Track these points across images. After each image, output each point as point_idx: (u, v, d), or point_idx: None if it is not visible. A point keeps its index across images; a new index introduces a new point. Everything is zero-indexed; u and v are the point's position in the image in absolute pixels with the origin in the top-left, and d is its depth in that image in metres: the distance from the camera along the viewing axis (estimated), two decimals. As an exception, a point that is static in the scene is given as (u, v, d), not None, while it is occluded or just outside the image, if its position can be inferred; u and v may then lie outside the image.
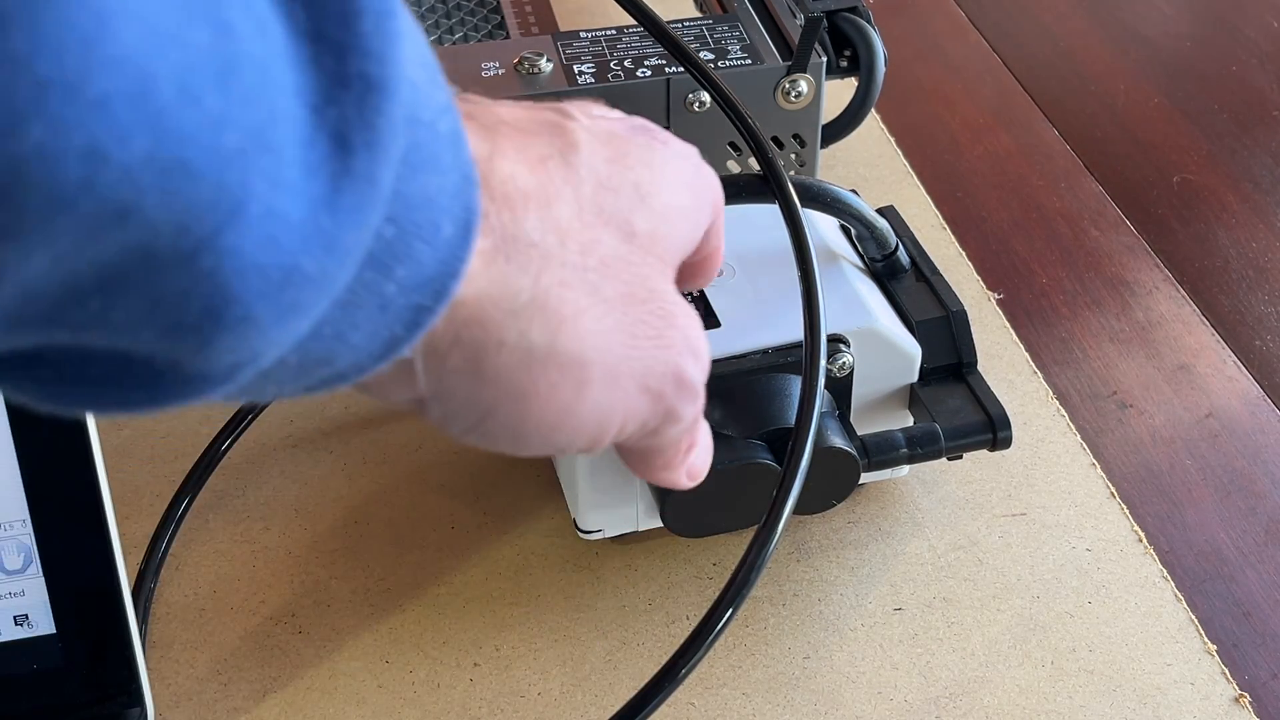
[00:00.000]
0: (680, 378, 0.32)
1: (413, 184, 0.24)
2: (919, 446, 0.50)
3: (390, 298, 0.25)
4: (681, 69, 0.59)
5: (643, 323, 0.31)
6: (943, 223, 0.72)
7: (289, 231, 0.21)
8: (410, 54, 0.23)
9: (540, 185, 0.29)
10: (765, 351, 0.49)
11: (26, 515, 0.44)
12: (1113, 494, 0.56)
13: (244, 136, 0.20)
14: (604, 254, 0.30)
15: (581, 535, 0.53)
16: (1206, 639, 0.51)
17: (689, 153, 0.34)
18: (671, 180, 0.32)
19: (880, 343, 0.51)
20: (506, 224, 0.27)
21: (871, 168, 0.76)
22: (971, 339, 0.53)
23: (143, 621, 0.51)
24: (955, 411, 0.51)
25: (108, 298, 0.21)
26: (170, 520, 0.54)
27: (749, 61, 0.60)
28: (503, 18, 0.69)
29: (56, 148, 0.18)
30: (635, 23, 0.59)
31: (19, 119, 0.18)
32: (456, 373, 0.28)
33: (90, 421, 0.43)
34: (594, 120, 0.32)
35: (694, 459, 0.37)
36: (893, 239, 0.54)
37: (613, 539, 0.54)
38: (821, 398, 0.44)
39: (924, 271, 0.54)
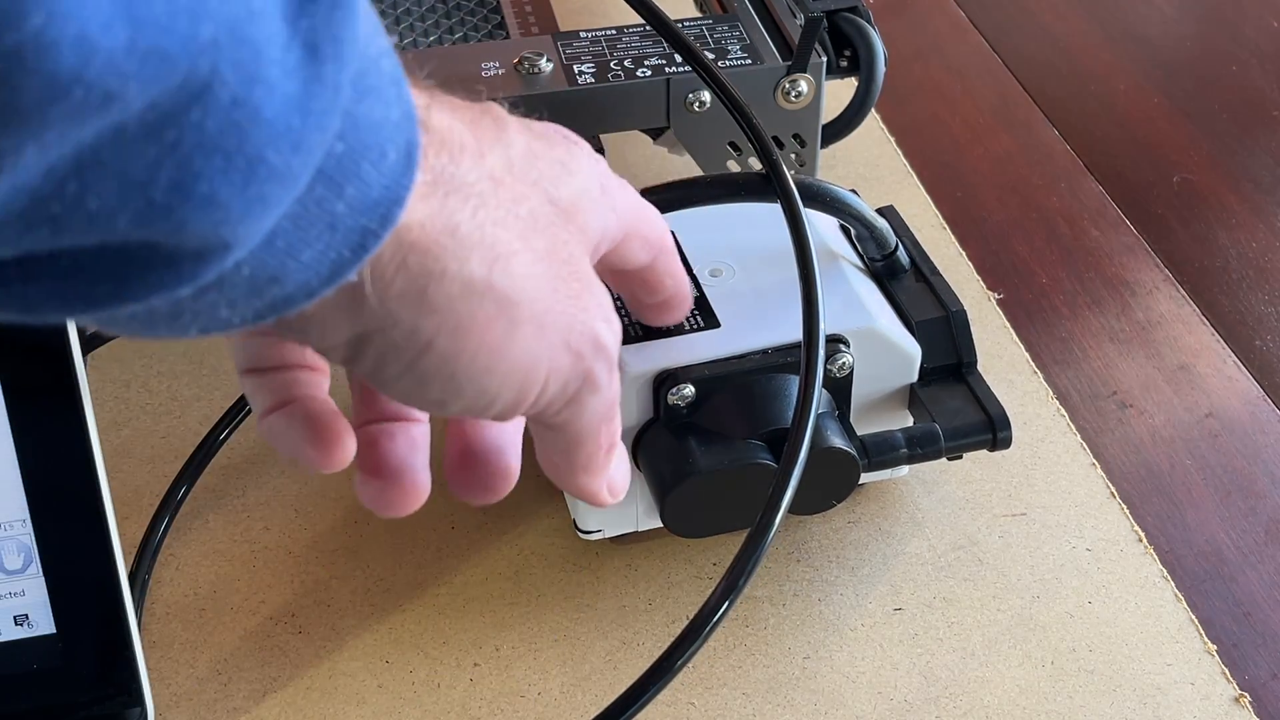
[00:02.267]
0: (598, 341, 0.34)
1: (360, 107, 0.26)
2: (919, 447, 0.50)
3: (339, 217, 0.26)
4: (681, 69, 0.59)
5: (565, 280, 0.33)
6: (943, 223, 0.72)
7: (257, 124, 0.23)
8: None
9: (474, 139, 0.31)
10: (765, 352, 0.49)
11: (26, 515, 0.44)
12: (1113, 494, 0.56)
13: (219, 29, 0.22)
14: (532, 208, 0.32)
15: (581, 536, 0.53)
16: (1206, 639, 0.51)
17: (599, 158, 0.37)
18: (586, 169, 0.35)
19: (880, 343, 0.51)
20: (445, 164, 0.30)
21: (871, 168, 0.76)
22: (971, 339, 0.53)
23: (138, 608, 0.51)
24: (955, 411, 0.51)
25: (83, 179, 0.22)
26: (167, 507, 0.54)
27: (749, 61, 0.60)
28: (503, 18, 0.69)
29: (52, 36, 0.19)
30: (635, 22, 0.59)
31: (22, 8, 0.19)
32: (402, 298, 0.29)
33: (90, 421, 0.43)
34: (515, 112, 0.35)
35: (615, 470, 0.38)
36: (892, 239, 0.54)
37: (612, 539, 0.54)
38: (819, 397, 0.44)
39: (924, 271, 0.54)
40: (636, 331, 0.49)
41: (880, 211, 0.55)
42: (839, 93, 0.64)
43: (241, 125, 0.23)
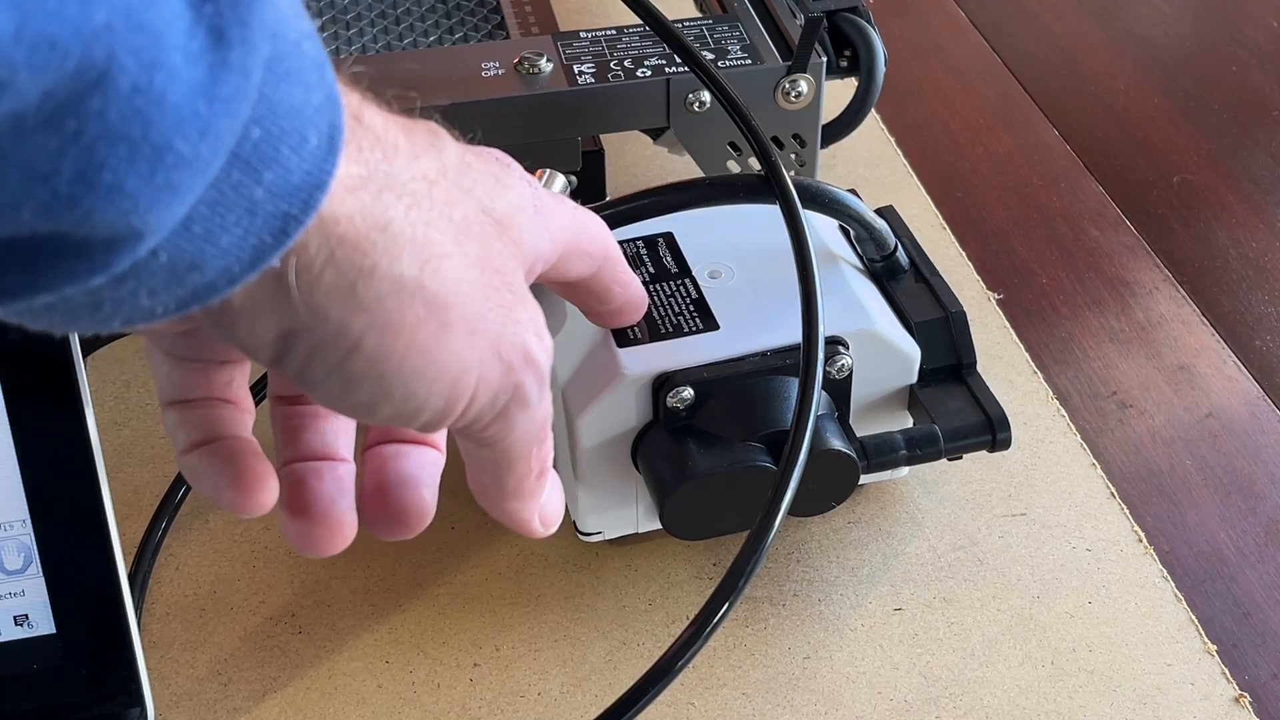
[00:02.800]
0: (529, 354, 0.33)
1: (278, 91, 0.26)
2: (918, 448, 0.50)
3: (259, 202, 0.26)
4: (682, 69, 0.59)
5: (497, 290, 0.33)
6: (943, 223, 0.72)
7: (161, 111, 0.23)
8: None
9: (408, 141, 0.31)
10: (764, 354, 0.49)
11: (26, 515, 0.44)
12: (1113, 494, 0.56)
13: (113, 14, 0.21)
14: (465, 213, 0.32)
15: (581, 537, 0.53)
16: (1206, 639, 0.51)
17: (532, 179, 0.37)
18: (519, 186, 0.35)
19: (879, 345, 0.51)
20: (379, 160, 0.29)
21: (871, 168, 0.76)
22: (971, 340, 0.53)
23: (138, 608, 0.51)
24: (955, 413, 0.51)
25: None
26: (167, 507, 0.54)
27: (749, 61, 0.60)
28: (503, 18, 0.69)
29: None
30: (635, 23, 0.59)
31: None
32: (330, 293, 0.29)
33: (91, 422, 0.43)
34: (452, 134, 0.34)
35: (548, 499, 0.38)
36: (891, 240, 0.54)
37: (612, 540, 0.54)
38: (819, 399, 0.44)
39: (923, 272, 0.54)
40: (636, 334, 0.49)
41: (879, 212, 0.55)
42: (839, 93, 0.64)
43: (145, 112, 0.23)
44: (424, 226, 0.30)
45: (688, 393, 0.48)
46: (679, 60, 0.60)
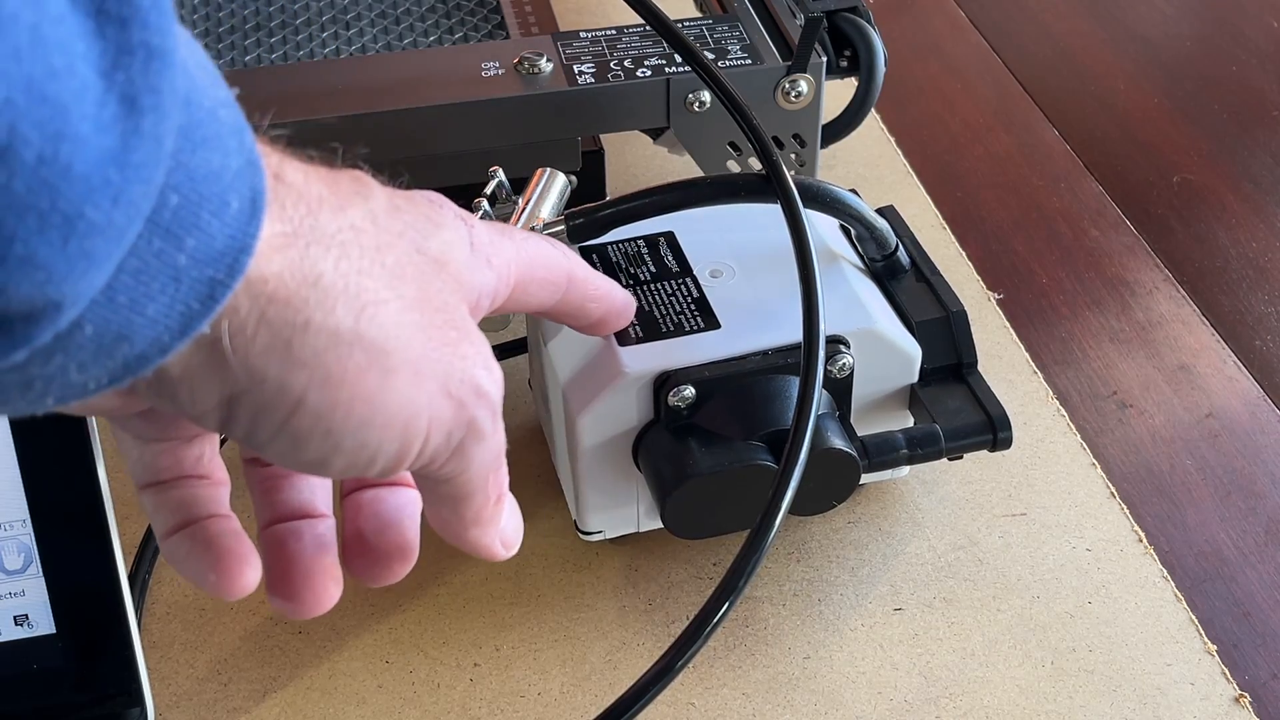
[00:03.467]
0: (479, 388, 0.33)
1: (194, 158, 0.26)
2: (919, 447, 0.50)
3: (183, 269, 0.26)
4: (681, 69, 0.59)
5: (440, 329, 0.32)
6: (943, 223, 0.72)
7: (69, 181, 0.23)
8: (184, 44, 0.26)
9: (332, 193, 0.30)
10: (765, 353, 0.49)
11: (26, 515, 0.44)
12: (1113, 494, 0.56)
13: (13, 89, 0.21)
14: (399, 258, 0.32)
15: (582, 537, 0.53)
16: (1206, 639, 0.51)
17: (469, 216, 0.37)
18: (452, 225, 0.35)
19: (880, 344, 0.51)
20: (303, 216, 0.29)
21: (871, 168, 0.76)
22: (971, 339, 0.53)
23: (138, 608, 0.51)
24: (955, 412, 0.51)
25: None
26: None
27: (749, 61, 0.60)
28: (503, 18, 0.69)
29: None
30: (635, 22, 0.59)
31: None
32: (267, 353, 0.29)
33: (91, 422, 0.43)
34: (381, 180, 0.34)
35: (507, 523, 0.38)
36: (892, 239, 0.54)
37: (613, 540, 0.54)
38: (819, 398, 0.44)
39: (924, 272, 0.54)
40: (637, 333, 0.49)
41: (880, 211, 0.55)
42: (839, 93, 0.64)
43: (52, 183, 0.22)
44: (356, 275, 0.30)
45: (689, 391, 0.48)
46: (679, 60, 0.60)
